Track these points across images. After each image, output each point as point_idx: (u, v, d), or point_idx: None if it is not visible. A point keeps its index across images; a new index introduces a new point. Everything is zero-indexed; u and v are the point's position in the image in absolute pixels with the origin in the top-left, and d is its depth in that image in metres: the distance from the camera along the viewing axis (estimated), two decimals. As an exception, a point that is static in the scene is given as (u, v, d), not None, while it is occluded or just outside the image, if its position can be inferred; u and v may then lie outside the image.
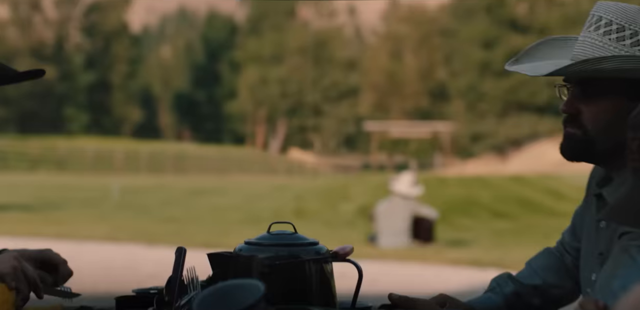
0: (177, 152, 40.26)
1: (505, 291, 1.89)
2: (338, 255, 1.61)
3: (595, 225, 1.76)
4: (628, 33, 1.64)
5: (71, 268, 1.89)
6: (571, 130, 1.73)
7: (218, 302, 1.21)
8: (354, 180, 26.05)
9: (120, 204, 17.09)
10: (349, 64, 56.16)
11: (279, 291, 1.49)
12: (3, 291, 1.49)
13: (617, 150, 1.70)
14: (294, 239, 1.61)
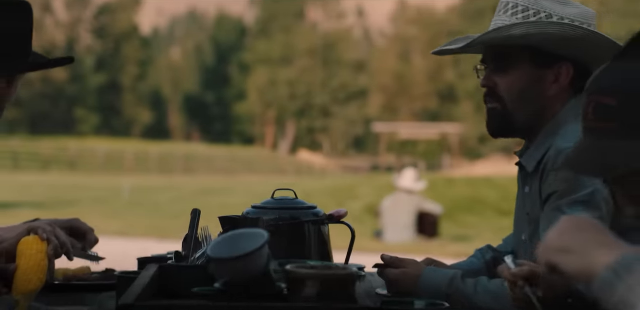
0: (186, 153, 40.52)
1: (486, 258, 2.13)
2: (333, 217, 1.83)
3: (522, 192, 2.00)
4: (532, 12, 1.90)
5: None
6: (491, 105, 2.00)
7: (228, 247, 1.43)
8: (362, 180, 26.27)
9: (131, 202, 17.34)
10: (357, 66, 56.36)
11: (281, 249, 1.71)
12: (37, 241, 1.71)
13: (532, 121, 1.96)
14: (294, 204, 1.84)
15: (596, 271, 1.05)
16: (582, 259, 1.07)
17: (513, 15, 1.93)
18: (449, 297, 1.78)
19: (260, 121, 56.76)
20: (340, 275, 1.44)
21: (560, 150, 1.87)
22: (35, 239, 1.71)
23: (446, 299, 1.76)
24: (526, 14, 1.93)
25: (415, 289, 1.81)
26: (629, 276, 1.02)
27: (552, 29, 1.88)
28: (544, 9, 1.92)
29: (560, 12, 1.92)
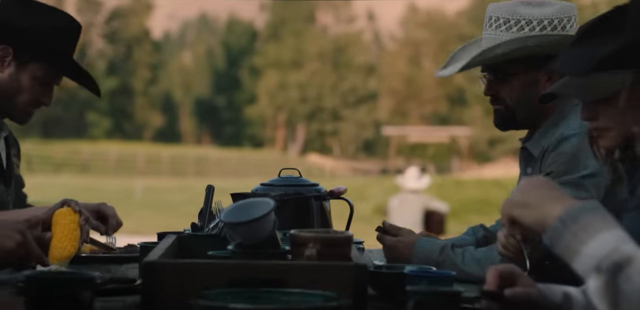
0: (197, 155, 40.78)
1: (477, 235, 2.33)
2: (334, 193, 2.04)
3: (523, 173, 2.25)
4: (512, 22, 2.11)
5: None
6: (496, 106, 2.27)
7: (240, 213, 1.63)
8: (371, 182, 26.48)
9: (144, 203, 17.59)
10: (367, 69, 56.55)
11: (287, 221, 1.90)
12: (70, 213, 1.91)
13: (535, 116, 2.21)
14: (299, 181, 2.04)
15: (548, 222, 1.24)
16: (537, 211, 1.27)
17: (497, 28, 2.15)
18: (439, 264, 1.99)
19: (271, 124, 57.00)
20: (338, 237, 1.64)
21: (565, 137, 2.10)
22: (68, 210, 1.91)
23: (436, 265, 1.96)
24: (508, 25, 2.14)
25: (409, 256, 2.02)
26: (574, 225, 1.21)
27: (530, 42, 2.09)
28: (522, 16, 2.12)
29: (539, 14, 2.11)
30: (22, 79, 2.45)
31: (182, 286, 1.54)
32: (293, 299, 1.49)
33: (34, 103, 2.49)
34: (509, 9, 2.15)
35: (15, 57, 2.42)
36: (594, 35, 1.41)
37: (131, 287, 1.80)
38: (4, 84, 2.44)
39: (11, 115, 2.51)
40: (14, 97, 2.46)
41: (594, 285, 1.17)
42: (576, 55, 1.39)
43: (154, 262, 1.58)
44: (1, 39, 2.36)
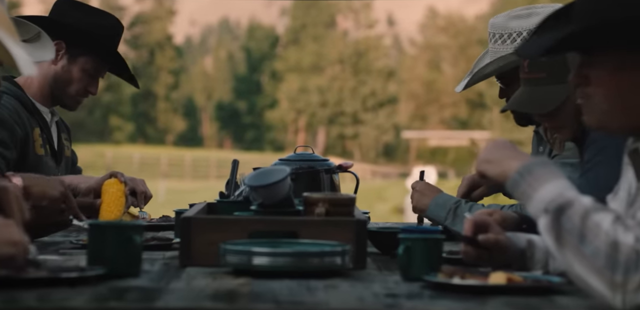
0: (219, 159, 41.19)
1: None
2: (342, 167, 2.35)
3: (535, 152, 2.57)
4: (505, 36, 2.41)
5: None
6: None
7: (261, 178, 1.94)
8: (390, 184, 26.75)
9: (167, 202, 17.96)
10: (387, 73, 56.81)
11: (301, 191, 2.21)
12: (117, 182, 2.24)
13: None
14: (311, 157, 2.36)
15: (508, 174, 1.55)
16: (500, 166, 1.57)
17: (495, 42, 2.51)
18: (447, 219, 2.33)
19: (292, 128, 57.36)
20: (343, 198, 1.95)
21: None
22: (115, 180, 2.24)
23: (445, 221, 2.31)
24: (502, 39, 2.49)
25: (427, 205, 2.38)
26: (528, 176, 1.52)
27: (514, 57, 2.40)
28: (513, 29, 2.46)
29: (526, 25, 2.44)
30: (73, 70, 2.83)
31: (213, 238, 1.85)
32: (305, 247, 1.81)
33: (83, 92, 2.87)
34: (502, 24, 2.48)
35: (68, 52, 2.80)
36: (548, 27, 1.71)
37: (169, 244, 2.13)
38: (57, 74, 2.82)
39: (62, 102, 2.89)
40: (65, 87, 2.84)
41: (543, 223, 1.47)
42: (533, 42, 1.69)
43: (190, 217, 1.90)
44: (56, 35, 2.71)
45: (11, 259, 1.52)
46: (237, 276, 1.73)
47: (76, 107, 2.91)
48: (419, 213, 2.41)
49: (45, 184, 2.02)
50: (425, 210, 2.39)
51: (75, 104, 2.90)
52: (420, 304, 1.49)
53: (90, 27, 2.79)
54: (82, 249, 2.09)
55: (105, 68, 2.89)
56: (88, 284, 1.59)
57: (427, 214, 2.39)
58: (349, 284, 1.67)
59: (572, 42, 1.55)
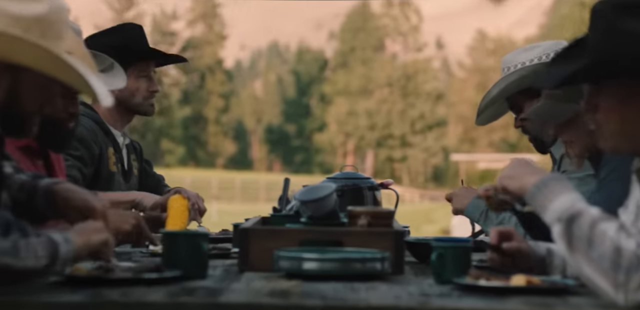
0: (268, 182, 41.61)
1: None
2: (383, 185, 2.59)
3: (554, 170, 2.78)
4: (512, 67, 2.68)
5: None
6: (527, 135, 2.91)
7: (310, 193, 2.19)
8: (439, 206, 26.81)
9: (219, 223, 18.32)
10: (436, 96, 56.92)
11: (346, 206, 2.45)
12: (181, 198, 2.51)
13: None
14: (355, 176, 2.61)
15: (527, 187, 1.77)
16: (520, 181, 1.80)
17: (503, 73, 2.85)
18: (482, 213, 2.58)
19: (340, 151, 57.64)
20: (383, 211, 2.18)
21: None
22: (180, 196, 2.51)
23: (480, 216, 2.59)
24: (509, 69, 2.80)
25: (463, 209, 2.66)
26: (544, 189, 1.74)
27: (512, 77, 2.73)
28: (518, 61, 2.77)
29: (527, 56, 2.77)
30: (129, 83, 3.11)
31: (267, 246, 2.10)
32: (349, 254, 2.04)
33: (148, 95, 3.16)
34: (508, 58, 2.82)
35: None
36: (562, 59, 1.94)
37: (228, 253, 2.38)
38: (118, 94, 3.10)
39: (138, 112, 3.17)
40: (132, 99, 3.14)
41: (556, 231, 1.69)
42: (548, 74, 1.91)
43: (247, 228, 2.15)
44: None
45: (105, 245, 1.81)
46: (289, 279, 1.97)
47: (152, 110, 3.20)
48: (458, 213, 2.68)
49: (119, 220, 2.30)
50: (464, 211, 2.65)
51: (149, 107, 3.20)
52: (449, 302, 1.71)
53: (114, 41, 3.07)
54: (151, 258, 2.36)
55: (150, 65, 3.18)
56: (162, 284, 1.85)
57: (465, 214, 2.66)
58: (388, 286, 1.90)
59: (584, 75, 1.78)
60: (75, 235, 1.79)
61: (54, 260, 1.72)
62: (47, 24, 1.82)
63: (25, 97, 1.88)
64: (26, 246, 1.68)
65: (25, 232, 1.71)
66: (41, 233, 1.74)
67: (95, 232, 1.83)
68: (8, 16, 1.79)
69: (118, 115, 3.16)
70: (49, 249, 1.71)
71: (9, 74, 1.85)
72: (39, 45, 1.79)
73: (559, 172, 2.74)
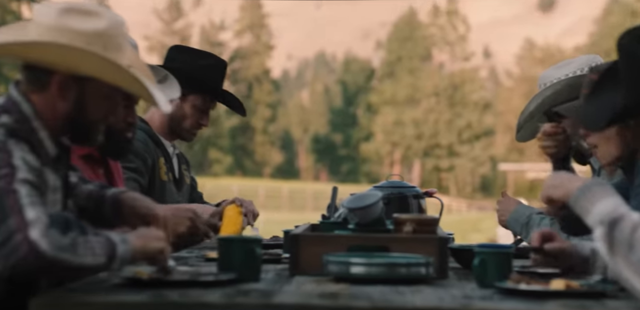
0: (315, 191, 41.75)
1: None
2: (428, 193, 2.68)
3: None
4: (548, 83, 2.82)
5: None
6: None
7: (357, 201, 2.29)
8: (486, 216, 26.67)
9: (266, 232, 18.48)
10: (483, 106, 56.63)
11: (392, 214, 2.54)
12: (235, 207, 2.63)
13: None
14: (401, 184, 2.71)
15: (571, 192, 1.86)
16: (564, 188, 1.89)
17: (539, 89, 2.94)
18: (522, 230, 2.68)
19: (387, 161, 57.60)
20: (427, 218, 2.27)
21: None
22: (234, 205, 2.64)
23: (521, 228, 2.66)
24: (542, 88, 2.93)
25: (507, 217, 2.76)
26: (588, 193, 1.83)
27: (547, 92, 2.85)
28: (554, 77, 2.89)
29: (559, 73, 2.89)
30: (185, 107, 3.26)
31: (317, 252, 2.20)
32: (395, 259, 2.13)
33: (196, 126, 3.30)
34: (544, 75, 2.95)
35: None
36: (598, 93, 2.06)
37: (279, 258, 2.49)
38: (172, 112, 3.25)
39: (180, 136, 3.32)
40: (180, 122, 3.28)
41: (598, 234, 1.77)
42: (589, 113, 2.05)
43: (298, 234, 2.25)
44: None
45: (160, 253, 1.92)
46: (337, 283, 2.07)
47: (192, 138, 3.34)
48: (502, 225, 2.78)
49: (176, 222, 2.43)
50: (506, 223, 2.75)
51: (191, 136, 3.33)
52: (490, 304, 1.79)
53: (195, 69, 3.20)
54: (206, 262, 2.48)
55: (213, 102, 3.31)
56: (218, 286, 1.96)
57: (507, 228, 2.75)
58: (432, 289, 1.99)
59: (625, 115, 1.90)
60: (134, 238, 1.91)
61: (111, 259, 1.84)
62: (107, 37, 1.97)
63: (91, 107, 2.02)
64: (84, 244, 1.80)
65: (84, 231, 1.83)
66: (100, 233, 1.86)
67: (155, 239, 1.95)
68: (72, 32, 1.94)
69: (168, 128, 3.30)
70: (106, 248, 1.83)
71: (75, 85, 2.00)
72: (103, 57, 1.93)
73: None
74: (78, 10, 1.97)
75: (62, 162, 2.07)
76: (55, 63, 1.97)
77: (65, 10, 1.96)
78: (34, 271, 1.78)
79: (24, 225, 1.74)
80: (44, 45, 1.93)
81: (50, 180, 1.99)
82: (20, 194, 1.79)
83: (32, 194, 1.82)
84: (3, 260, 1.75)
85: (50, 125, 2.01)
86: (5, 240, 1.74)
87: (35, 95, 2.00)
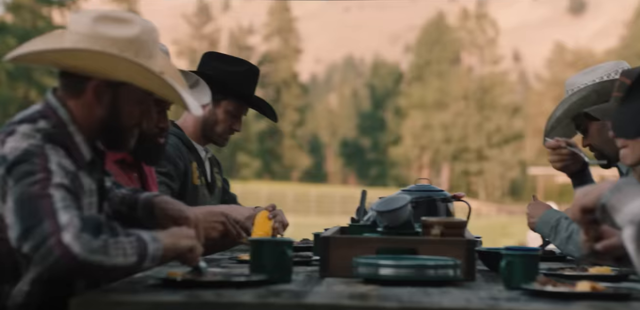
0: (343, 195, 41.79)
1: None
2: (456, 197, 2.72)
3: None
4: (576, 89, 2.85)
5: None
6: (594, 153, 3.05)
7: (385, 204, 2.33)
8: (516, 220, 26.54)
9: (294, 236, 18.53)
10: (513, 109, 56.37)
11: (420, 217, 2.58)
12: (266, 213, 2.70)
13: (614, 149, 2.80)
14: (429, 188, 2.74)
15: (602, 194, 1.88)
16: (594, 193, 1.91)
17: (567, 94, 2.98)
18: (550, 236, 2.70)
19: (416, 165, 57.48)
20: (455, 221, 2.31)
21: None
22: (265, 211, 2.71)
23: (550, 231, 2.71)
24: (568, 93, 2.96)
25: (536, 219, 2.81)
26: (618, 193, 1.85)
27: (574, 98, 2.88)
28: (581, 83, 2.93)
29: (593, 77, 2.91)
30: (218, 113, 3.33)
31: (346, 254, 2.24)
32: (423, 261, 2.17)
33: (229, 131, 3.36)
34: (571, 81, 2.99)
35: (212, 97, 3.27)
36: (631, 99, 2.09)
37: (309, 260, 2.54)
38: (205, 117, 3.32)
39: (212, 140, 3.38)
40: (213, 127, 3.34)
41: (627, 233, 1.78)
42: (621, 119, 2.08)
43: (328, 236, 2.30)
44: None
45: (191, 251, 1.98)
46: (366, 284, 2.11)
47: (224, 143, 3.40)
48: (533, 231, 2.81)
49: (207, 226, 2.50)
50: (535, 226, 2.79)
51: (224, 141, 3.40)
52: (516, 305, 1.83)
53: (228, 76, 3.26)
54: (238, 264, 2.53)
55: (245, 107, 3.37)
56: (250, 286, 2.02)
57: (535, 230, 2.78)
58: (460, 290, 2.03)
59: None
60: (164, 236, 1.97)
61: (142, 258, 1.90)
62: (139, 44, 2.04)
63: (124, 112, 2.09)
64: (115, 245, 1.86)
65: (116, 232, 1.89)
66: (131, 233, 1.92)
67: (185, 237, 2.01)
68: (106, 39, 2.02)
69: (201, 132, 3.36)
70: (137, 247, 1.89)
71: (110, 91, 2.07)
72: (136, 63, 2.00)
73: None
74: (111, 18, 2.04)
75: (97, 166, 2.14)
76: (90, 69, 2.04)
77: (99, 18, 2.03)
78: (69, 273, 1.84)
79: (58, 229, 1.80)
80: (79, 52, 2.00)
81: (85, 183, 2.05)
82: (55, 198, 1.86)
83: (66, 198, 1.88)
84: (39, 263, 1.81)
85: (85, 130, 2.08)
86: (40, 244, 1.80)
87: (71, 101, 2.07)
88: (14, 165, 1.91)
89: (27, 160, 1.91)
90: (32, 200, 1.85)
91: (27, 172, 1.89)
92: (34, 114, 2.05)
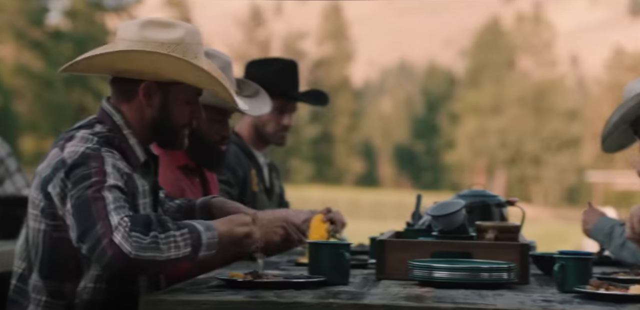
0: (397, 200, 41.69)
1: None
2: (510, 202, 2.76)
3: None
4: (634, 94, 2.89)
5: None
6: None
7: (440, 209, 2.39)
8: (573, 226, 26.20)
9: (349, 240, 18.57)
10: (570, 114, 55.66)
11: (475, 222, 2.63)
12: (321, 217, 2.77)
13: None
14: (484, 193, 2.80)
15: None
16: None
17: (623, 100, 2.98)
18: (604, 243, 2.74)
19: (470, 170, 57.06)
20: (509, 225, 2.36)
21: None
22: (320, 215, 2.79)
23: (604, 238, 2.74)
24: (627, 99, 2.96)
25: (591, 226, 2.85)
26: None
27: (631, 103, 2.91)
28: (636, 90, 2.94)
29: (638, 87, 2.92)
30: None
31: (402, 257, 2.31)
32: (478, 264, 2.23)
33: (281, 128, 3.44)
34: (629, 87, 3.02)
35: None
36: None
37: (365, 263, 2.61)
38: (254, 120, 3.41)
39: (269, 141, 3.48)
40: (263, 128, 3.44)
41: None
42: None
43: (384, 240, 2.37)
44: None
45: (247, 236, 2.06)
46: (422, 286, 2.17)
47: (283, 141, 3.49)
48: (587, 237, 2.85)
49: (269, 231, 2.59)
50: (589, 233, 2.83)
51: (280, 139, 3.48)
52: (570, 307, 1.87)
53: (264, 76, 3.33)
54: (295, 266, 2.61)
55: (291, 103, 3.45)
56: (309, 288, 2.09)
57: (591, 237, 2.82)
58: (514, 293, 2.08)
59: None
60: (220, 223, 2.06)
61: (196, 248, 1.98)
62: (184, 45, 2.15)
63: (175, 112, 2.21)
64: (166, 239, 1.94)
65: (166, 228, 1.97)
66: (183, 225, 2.00)
67: (241, 224, 2.09)
68: (153, 42, 2.14)
69: (255, 136, 3.45)
70: (190, 238, 1.97)
71: (159, 91, 2.19)
72: (184, 60, 2.10)
73: None
74: (156, 23, 2.16)
75: (150, 169, 2.24)
76: (140, 70, 2.15)
77: (145, 24, 2.16)
78: (124, 271, 1.95)
79: (110, 230, 1.90)
80: (130, 54, 2.12)
81: (139, 185, 2.16)
82: (108, 200, 1.96)
83: (119, 198, 1.98)
84: (97, 262, 1.93)
85: (138, 133, 2.19)
86: (95, 245, 1.91)
87: (124, 106, 2.19)
88: (72, 169, 2.02)
89: (84, 163, 2.02)
90: (87, 203, 1.96)
91: (84, 176, 2.00)
92: (90, 120, 2.19)
